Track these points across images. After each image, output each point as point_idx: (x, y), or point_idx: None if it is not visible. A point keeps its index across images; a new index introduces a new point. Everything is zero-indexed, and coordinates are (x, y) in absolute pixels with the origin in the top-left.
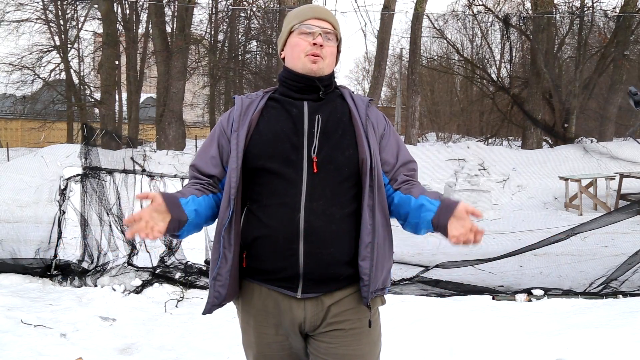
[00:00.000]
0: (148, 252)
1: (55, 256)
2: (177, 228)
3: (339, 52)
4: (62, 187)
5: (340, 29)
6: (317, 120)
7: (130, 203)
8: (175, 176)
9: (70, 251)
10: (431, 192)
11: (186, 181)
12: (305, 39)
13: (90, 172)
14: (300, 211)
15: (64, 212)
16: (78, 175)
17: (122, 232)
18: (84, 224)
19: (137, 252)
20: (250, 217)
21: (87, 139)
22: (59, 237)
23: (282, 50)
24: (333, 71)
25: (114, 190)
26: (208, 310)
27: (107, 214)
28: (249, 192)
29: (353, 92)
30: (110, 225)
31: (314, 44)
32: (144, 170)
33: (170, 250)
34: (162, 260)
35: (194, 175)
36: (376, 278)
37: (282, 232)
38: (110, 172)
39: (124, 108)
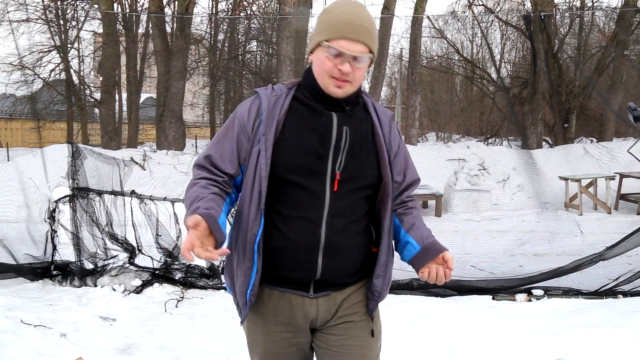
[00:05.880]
0: (149, 256)
1: (52, 262)
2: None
3: (372, 62)
4: (52, 209)
5: (376, 40)
6: (345, 133)
7: (122, 223)
8: (165, 199)
9: (69, 252)
10: (418, 229)
11: (178, 206)
12: (332, 60)
13: (79, 193)
14: (322, 226)
15: (55, 231)
16: (66, 196)
17: (120, 244)
18: (77, 242)
19: (137, 255)
20: (269, 226)
21: (74, 158)
22: (54, 249)
23: (312, 52)
24: (360, 86)
25: (105, 210)
26: (245, 319)
27: (100, 232)
28: (268, 200)
29: (375, 103)
30: (104, 240)
31: (340, 69)
32: (133, 192)
33: (172, 256)
34: (165, 262)
35: (208, 168)
36: (385, 293)
37: (303, 245)
38: (100, 193)
39: (124, 108)
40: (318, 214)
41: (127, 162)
